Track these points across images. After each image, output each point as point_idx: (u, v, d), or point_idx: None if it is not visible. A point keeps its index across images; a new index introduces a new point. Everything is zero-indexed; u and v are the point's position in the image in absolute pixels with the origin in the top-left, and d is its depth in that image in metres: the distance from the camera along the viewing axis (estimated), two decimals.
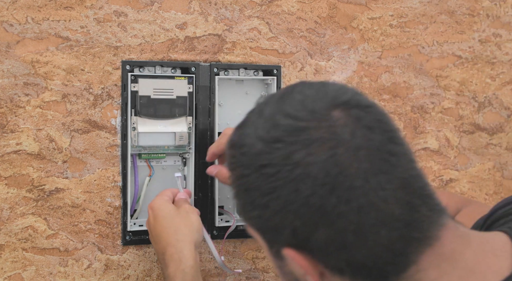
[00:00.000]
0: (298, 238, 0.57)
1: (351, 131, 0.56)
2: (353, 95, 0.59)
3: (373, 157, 0.55)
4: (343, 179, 0.54)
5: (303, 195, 0.55)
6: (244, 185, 0.59)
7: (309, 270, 0.58)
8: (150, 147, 0.97)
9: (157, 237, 0.88)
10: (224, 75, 1.00)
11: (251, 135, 0.59)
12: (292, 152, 0.55)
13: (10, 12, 0.89)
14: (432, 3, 1.15)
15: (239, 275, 1.04)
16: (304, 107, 0.57)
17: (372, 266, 0.56)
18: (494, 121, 1.22)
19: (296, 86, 0.61)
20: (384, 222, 0.55)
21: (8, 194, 0.90)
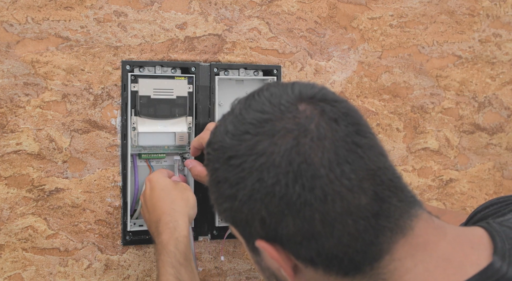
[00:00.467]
0: (267, 229, 0.57)
1: (316, 122, 0.57)
2: (320, 90, 0.60)
3: (338, 148, 0.56)
4: (307, 168, 0.55)
5: (267, 183, 0.56)
6: (216, 179, 0.60)
7: (281, 263, 0.58)
8: (150, 147, 0.97)
9: (152, 207, 0.88)
10: (224, 75, 1.00)
11: (221, 132, 0.61)
12: (256, 143, 0.57)
13: (10, 12, 0.89)
14: (432, 3, 1.15)
15: (239, 275, 1.04)
16: (270, 102, 0.59)
17: (342, 256, 0.56)
18: (494, 121, 1.22)
19: (265, 85, 0.63)
20: (350, 211, 0.55)
21: (8, 194, 0.90)
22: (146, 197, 0.90)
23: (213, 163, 0.61)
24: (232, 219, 0.61)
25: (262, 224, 0.57)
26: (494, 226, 0.62)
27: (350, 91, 1.10)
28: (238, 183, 0.58)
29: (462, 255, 0.58)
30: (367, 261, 0.57)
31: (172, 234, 0.85)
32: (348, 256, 0.56)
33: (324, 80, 1.08)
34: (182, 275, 0.83)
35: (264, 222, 0.57)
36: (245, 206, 0.58)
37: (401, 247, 0.57)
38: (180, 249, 0.84)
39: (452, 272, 0.57)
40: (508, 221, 0.63)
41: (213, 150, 0.61)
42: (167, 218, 0.86)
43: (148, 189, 0.90)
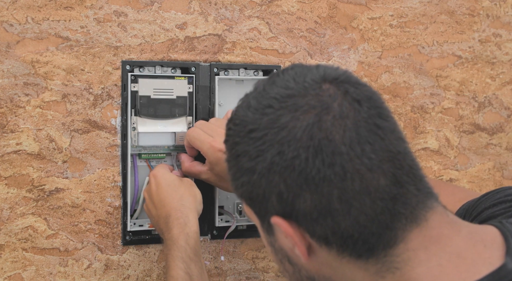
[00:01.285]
0: (284, 204, 0.57)
1: (339, 101, 0.57)
2: (344, 72, 0.60)
3: (359, 127, 0.56)
4: (328, 144, 0.55)
5: (287, 157, 0.56)
6: (235, 153, 0.61)
7: (296, 240, 0.58)
8: (150, 147, 0.97)
9: (160, 203, 0.88)
10: (224, 75, 1.00)
11: (243, 107, 0.61)
12: (279, 117, 0.57)
13: (10, 12, 0.89)
14: (432, 3, 1.15)
15: (239, 275, 1.04)
16: (294, 80, 0.59)
17: (357, 236, 0.56)
18: (494, 121, 1.22)
19: (290, 66, 0.63)
20: (369, 190, 0.55)
21: (8, 194, 0.90)
22: (152, 193, 0.90)
23: (233, 137, 0.61)
24: (249, 194, 0.60)
25: (280, 198, 0.57)
26: (507, 226, 0.61)
27: None
28: (258, 156, 0.58)
29: (475, 253, 0.58)
30: (381, 245, 0.57)
31: (182, 229, 0.85)
32: (363, 237, 0.56)
33: None
34: (192, 270, 0.83)
35: (281, 196, 0.57)
36: (264, 179, 0.58)
37: (415, 238, 0.57)
38: (191, 244, 0.85)
39: (464, 269, 0.57)
40: None
41: (234, 125, 0.61)
42: (177, 213, 0.86)
43: (153, 185, 0.90)
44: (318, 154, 0.55)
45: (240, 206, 1.03)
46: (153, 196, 0.90)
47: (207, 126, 0.92)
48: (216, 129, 0.91)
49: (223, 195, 1.02)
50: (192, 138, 0.92)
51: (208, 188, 1.00)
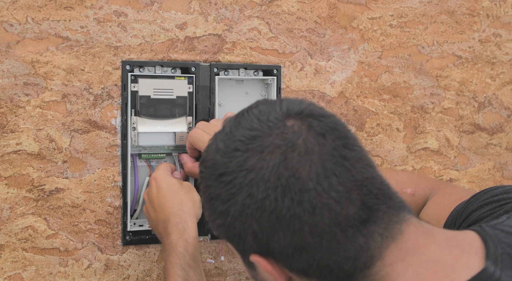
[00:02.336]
0: (259, 243, 0.59)
1: (303, 137, 0.58)
2: (308, 106, 0.61)
3: (326, 161, 0.57)
4: (295, 181, 0.56)
5: (257, 198, 0.57)
6: (209, 196, 0.62)
7: (275, 276, 0.60)
8: (150, 147, 0.97)
9: (159, 207, 0.88)
10: (224, 75, 1.00)
11: (212, 150, 0.62)
12: (246, 159, 0.58)
13: (10, 12, 0.89)
14: (432, 3, 1.15)
15: (239, 275, 1.04)
16: (258, 119, 0.60)
17: (332, 265, 0.58)
18: (494, 121, 1.22)
19: (255, 103, 0.64)
20: (338, 221, 0.56)
21: (8, 194, 0.90)
22: (152, 196, 0.90)
23: (206, 180, 0.62)
24: (226, 235, 0.62)
25: (255, 238, 0.59)
26: (487, 230, 0.62)
27: (350, 91, 1.10)
28: (230, 199, 0.59)
29: (452, 258, 0.59)
30: (358, 269, 0.58)
31: (181, 235, 0.85)
32: (339, 265, 0.57)
33: (324, 80, 1.08)
34: (191, 277, 0.83)
35: (256, 236, 0.58)
36: (237, 222, 0.59)
37: (392, 252, 0.58)
38: (190, 250, 0.85)
39: (442, 275, 0.58)
40: (502, 224, 0.64)
41: (205, 168, 0.62)
42: (176, 219, 0.86)
43: (154, 188, 0.90)
44: (287, 193, 0.56)
45: None
46: (153, 199, 0.90)
47: (208, 127, 0.92)
48: (215, 127, 0.90)
49: None
50: (194, 139, 0.92)
51: None
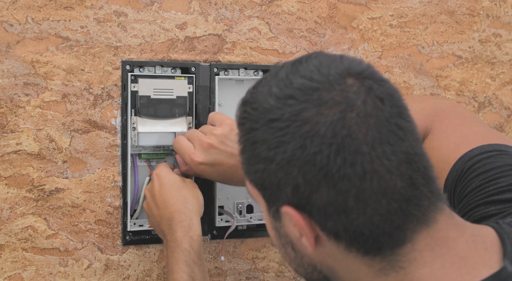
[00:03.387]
0: (299, 196, 0.57)
1: (363, 98, 0.56)
2: (368, 67, 0.60)
3: (381, 127, 0.56)
4: (350, 142, 0.55)
5: (309, 152, 0.56)
6: (252, 139, 0.60)
7: (306, 231, 0.58)
8: (150, 147, 0.97)
9: (163, 203, 0.88)
10: (224, 75, 1.00)
11: (264, 93, 0.60)
12: (302, 109, 0.57)
13: (10, 12, 0.89)
14: (432, 3, 1.15)
15: (239, 275, 1.04)
16: (319, 71, 0.58)
17: (369, 235, 0.57)
18: (494, 121, 1.22)
19: (313, 53, 0.62)
20: (386, 191, 0.56)
21: (8, 194, 0.90)
22: (155, 193, 0.89)
23: (251, 122, 0.60)
24: (262, 181, 0.60)
25: (295, 191, 0.57)
26: (504, 228, 0.62)
27: None
28: (278, 147, 0.57)
29: (477, 255, 0.59)
30: (389, 245, 0.57)
31: (186, 233, 0.85)
32: (374, 236, 0.57)
33: None
34: (196, 273, 0.83)
35: (297, 189, 0.57)
36: (281, 171, 0.57)
37: (423, 239, 0.58)
38: (195, 248, 0.85)
39: (466, 272, 0.58)
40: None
41: (253, 110, 0.60)
42: (181, 216, 0.86)
43: (157, 185, 0.90)
44: (340, 152, 0.55)
45: (240, 206, 1.03)
46: (155, 196, 0.89)
47: (191, 135, 0.92)
48: (198, 137, 0.90)
49: (223, 195, 1.02)
50: (175, 149, 0.93)
51: (208, 188, 1.00)
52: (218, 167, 0.89)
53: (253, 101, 0.61)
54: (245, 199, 1.04)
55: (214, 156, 0.88)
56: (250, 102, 0.61)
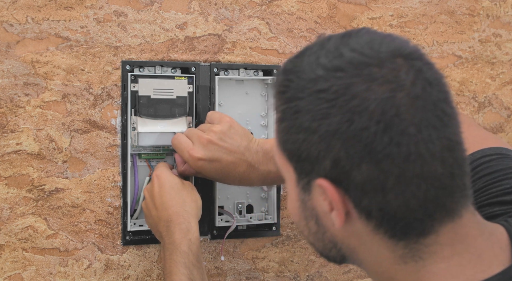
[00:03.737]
0: (338, 170, 0.56)
1: (412, 80, 0.56)
2: (417, 48, 0.59)
3: (428, 111, 0.55)
4: (398, 122, 0.54)
5: (356, 127, 0.55)
6: (294, 108, 0.58)
7: (338, 205, 0.57)
8: (150, 147, 0.97)
9: (162, 205, 0.88)
10: (224, 75, 1.00)
11: (311, 62, 0.59)
12: (352, 84, 0.56)
13: (10, 12, 0.89)
14: (432, 3, 1.15)
15: (239, 275, 1.04)
16: (370, 47, 0.57)
17: (401, 218, 0.56)
18: (494, 121, 1.22)
19: (363, 29, 0.61)
20: (426, 176, 0.55)
21: (8, 194, 0.90)
22: (154, 194, 0.89)
23: (294, 91, 0.59)
24: (299, 152, 0.59)
25: (335, 164, 0.56)
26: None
27: None
28: (324, 118, 0.56)
29: (493, 255, 0.59)
30: (416, 232, 0.57)
31: (185, 235, 0.85)
32: (406, 220, 0.56)
33: None
34: (195, 276, 0.83)
35: (338, 163, 0.56)
36: (323, 143, 0.56)
37: (447, 232, 0.57)
38: (193, 250, 0.84)
39: (480, 270, 0.58)
40: None
41: (297, 78, 0.59)
42: (180, 219, 0.86)
43: (156, 186, 0.90)
44: (388, 130, 0.54)
45: (240, 206, 1.03)
46: (155, 197, 0.89)
47: (190, 132, 0.92)
48: (196, 133, 0.90)
49: (223, 195, 1.02)
50: (174, 146, 0.93)
51: (208, 188, 1.00)
52: (216, 163, 0.89)
53: (297, 69, 0.59)
54: (245, 199, 1.04)
55: (213, 152, 0.88)
56: (295, 71, 0.60)
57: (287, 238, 1.07)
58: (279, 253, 1.06)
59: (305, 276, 1.08)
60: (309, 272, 1.08)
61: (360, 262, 0.62)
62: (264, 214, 1.04)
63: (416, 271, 0.58)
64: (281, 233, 1.06)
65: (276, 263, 1.06)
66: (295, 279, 1.07)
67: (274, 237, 1.06)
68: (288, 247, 1.07)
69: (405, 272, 0.59)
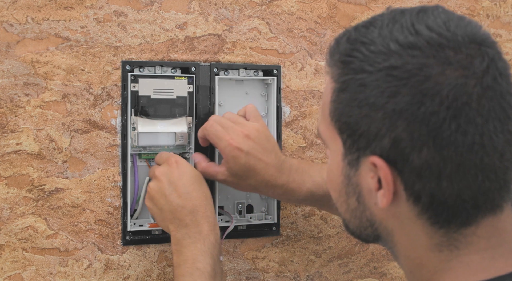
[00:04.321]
0: (397, 151, 0.55)
1: (485, 68, 0.55)
2: (489, 36, 0.58)
3: (496, 102, 0.55)
4: (468, 110, 0.54)
5: (426, 110, 0.54)
6: (360, 81, 0.57)
7: (390, 185, 0.57)
8: (150, 147, 0.97)
9: (187, 194, 0.85)
10: (224, 75, 1.00)
11: (383, 35, 0.57)
12: (427, 64, 0.54)
13: (10, 12, 0.89)
14: (432, 3, 1.15)
15: (239, 275, 1.04)
16: (447, 28, 0.56)
17: (450, 206, 0.56)
18: None
19: (438, 7, 0.59)
20: (485, 168, 0.55)
21: (8, 194, 0.90)
22: (175, 180, 0.87)
23: (363, 63, 0.57)
24: (357, 127, 0.58)
25: (395, 144, 0.55)
26: None
27: None
28: (393, 97, 0.55)
29: None
30: (460, 222, 0.57)
31: (213, 228, 0.85)
32: (454, 209, 0.56)
33: (324, 80, 1.08)
34: (217, 268, 0.83)
35: (398, 143, 0.55)
36: (387, 120, 0.55)
37: (486, 226, 0.57)
38: (219, 244, 0.84)
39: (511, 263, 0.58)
40: None
41: (368, 51, 0.57)
42: (207, 212, 0.86)
43: (176, 172, 0.87)
44: (457, 118, 0.54)
45: (240, 206, 1.03)
46: (176, 183, 0.86)
47: (224, 122, 0.91)
48: (232, 126, 0.90)
49: (223, 195, 1.02)
50: (209, 133, 0.91)
51: (208, 188, 1.00)
52: (251, 157, 0.88)
53: (367, 41, 0.58)
54: (245, 199, 1.04)
55: (250, 147, 0.88)
56: (364, 42, 0.58)
57: (287, 238, 1.07)
58: (279, 253, 1.06)
59: (305, 276, 1.08)
60: (309, 272, 1.08)
61: (394, 244, 0.61)
62: (264, 214, 1.04)
63: (448, 260, 0.58)
64: (281, 233, 1.06)
65: (276, 263, 1.06)
66: (295, 279, 1.07)
67: (274, 237, 1.06)
68: (288, 247, 1.07)
69: (438, 259, 0.58)
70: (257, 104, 1.03)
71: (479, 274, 0.57)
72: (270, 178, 0.90)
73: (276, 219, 1.04)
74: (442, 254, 0.58)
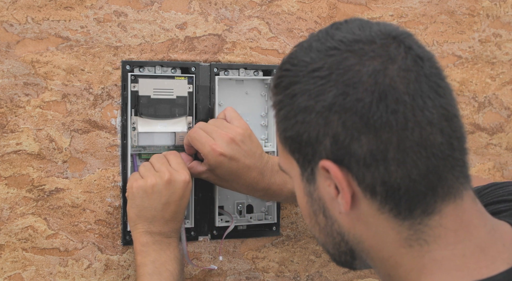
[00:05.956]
0: (338, 147, 0.57)
1: (403, 55, 0.57)
2: (407, 32, 0.60)
3: (421, 82, 0.56)
4: (392, 91, 0.55)
5: (351, 98, 0.56)
6: (291, 93, 0.60)
7: (343, 185, 0.58)
8: (150, 147, 0.97)
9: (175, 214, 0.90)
10: (224, 75, 1.00)
11: (304, 49, 0.61)
12: (344, 59, 0.57)
13: (10, 12, 0.89)
14: (432, 3, 1.15)
15: (239, 275, 1.04)
16: (360, 28, 0.59)
17: (404, 191, 0.56)
18: (494, 121, 1.22)
19: (352, 18, 0.62)
20: (426, 144, 0.56)
21: (8, 194, 0.90)
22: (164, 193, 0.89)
23: (289, 78, 0.60)
24: (299, 136, 0.60)
25: (335, 141, 0.57)
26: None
27: None
28: (320, 95, 0.57)
29: (495, 250, 0.59)
30: (420, 209, 0.57)
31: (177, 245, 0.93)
32: (409, 193, 0.57)
33: None
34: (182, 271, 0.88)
35: (337, 139, 0.57)
36: (321, 119, 0.57)
37: (450, 214, 0.58)
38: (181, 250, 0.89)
39: (484, 265, 0.58)
40: None
41: (292, 66, 0.60)
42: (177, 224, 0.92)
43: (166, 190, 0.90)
44: (382, 99, 0.55)
45: (240, 206, 1.03)
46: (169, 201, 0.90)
47: (207, 128, 0.92)
48: (216, 130, 0.90)
49: (223, 195, 1.02)
50: (193, 139, 0.92)
51: (208, 188, 1.00)
52: (234, 163, 0.89)
53: (291, 59, 0.61)
54: (245, 199, 1.04)
55: (234, 152, 0.89)
56: (289, 61, 0.61)
57: (287, 238, 1.07)
58: (279, 253, 1.06)
59: (305, 276, 1.08)
60: (309, 272, 1.08)
61: (367, 252, 0.62)
62: (264, 214, 1.04)
63: (421, 256, 0.58)
64: (281, 233, 1.06)
65: (276, 263, 1.06)
66: (295, 279, 1.07)
67: (274, 237, 1.06)
68: (288, 247, 1.07)
69: (411, 256, 0.59)
70: (257, 104, 1.03)
71: (453, 273, 0.57)
72: (252, 181, 0.91)
73: (276, 219, 1.04)
74: (414, 250, 0.58)
